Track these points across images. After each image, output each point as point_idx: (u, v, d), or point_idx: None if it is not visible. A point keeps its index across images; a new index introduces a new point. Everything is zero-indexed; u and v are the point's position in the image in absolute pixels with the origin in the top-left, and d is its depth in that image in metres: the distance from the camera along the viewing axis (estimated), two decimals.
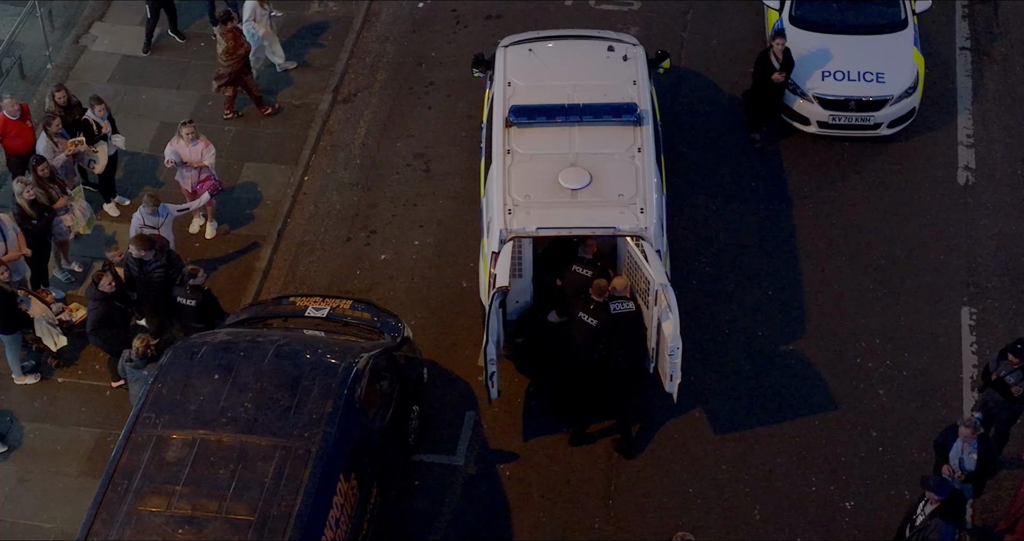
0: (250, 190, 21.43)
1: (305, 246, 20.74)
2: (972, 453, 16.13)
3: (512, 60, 19.88)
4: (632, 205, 17.76)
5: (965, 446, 16.10)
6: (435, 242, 20.67)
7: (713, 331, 19.35)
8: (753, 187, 21.27)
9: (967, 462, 16.19)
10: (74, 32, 23.79)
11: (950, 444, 16.26)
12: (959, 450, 16.19)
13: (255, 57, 22.44)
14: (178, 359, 16.25)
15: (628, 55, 19.75)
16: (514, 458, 18.12)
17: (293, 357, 16.19)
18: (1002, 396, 16.82)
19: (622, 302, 17.55)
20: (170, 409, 15.58)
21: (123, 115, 21.75)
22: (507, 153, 18.42)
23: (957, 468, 16.16)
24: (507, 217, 17.70)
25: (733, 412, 18.52)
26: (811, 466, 17.97)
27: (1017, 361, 16.63)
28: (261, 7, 22.17)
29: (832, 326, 19.43)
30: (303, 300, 18.46)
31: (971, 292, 19.79)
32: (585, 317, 17.42)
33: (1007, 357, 16.76)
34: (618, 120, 18.61)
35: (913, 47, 21.76)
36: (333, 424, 15.40)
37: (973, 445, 16.08)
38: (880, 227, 20.67)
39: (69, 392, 18.86)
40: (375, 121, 22.53)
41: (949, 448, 16.26)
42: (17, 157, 20.38)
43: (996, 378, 16.89)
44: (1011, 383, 16.69)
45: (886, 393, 18.68)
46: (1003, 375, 16.76)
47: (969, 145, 21.81)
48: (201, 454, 15.10)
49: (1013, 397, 16.77)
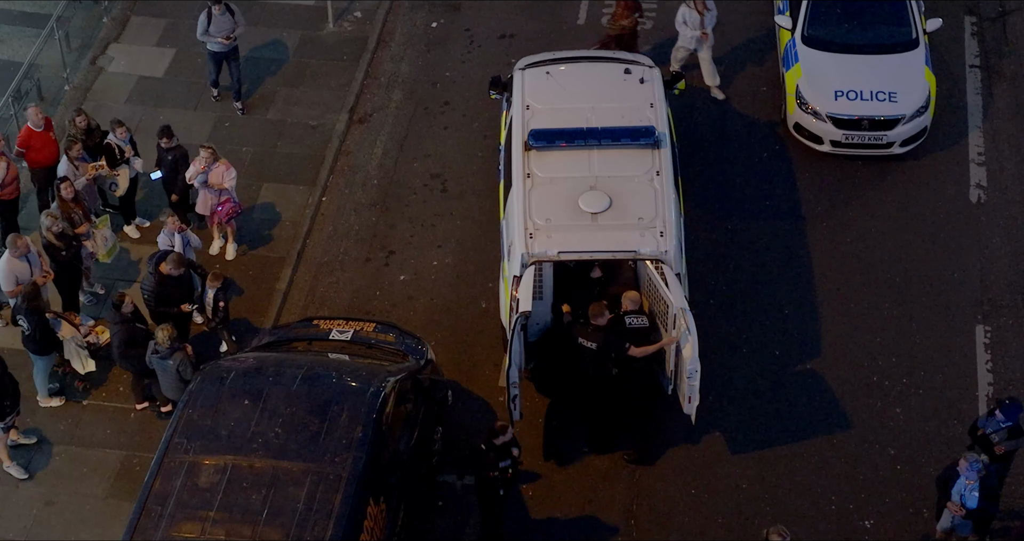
0: (269, 211, 21.63)
1: (324, 267, 20.94)
2: (974, 490, 16.20)
3: (530, 83, 20.08)
4: (652, 228, 17.97)
5: (968, 481, 16.15)
6: (454, 262, 20.88)
7: (730, 351, 19.56)
8: (767, 206, 21.49)
9: (968, 499, 16.25)
10: (91, 53, 23.97)
11: (952, 480, 16.36)
12: (962, 485, 16.26)
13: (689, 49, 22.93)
14: (207, 384, 16.45)
15: (645, 77, 19.95)
16: (536, 478, 18.32)
17: (322, 382, 16.39)
18: (985, 453, 16.78)
19: (637, 316, 17.76)
20: (201, 434, 15.77)
21: (141, 136, 21.87)
22: (527, 177, 18.62)
23: (959, 505, 16.21)
24: (528, 241, 17.89)
25: (752, 431, 18.73)
26: (830, 485, 18.18)
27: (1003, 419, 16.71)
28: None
29: (848, 345, 19.65)
30: (327, 323, 18.65)
31: (985, 310, 20.02)
32: (585, 342, 17.62)
33: (995, 413, 16.83)
34: (636, 143, 18.83)
35: (925, 66, 21.98)
36: (363, 449, 15.60)
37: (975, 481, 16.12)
38: (893, 245, 20.89)
39: (94, 414, 19.04)
40: (391, 141, 22.73)
41: (951, 484, 16.36)
42: (42, 170, 20.59)
43: (981, 434, 16.92)
44: (995, 441, 16.74)
45: (903, 411, 18.90)
46: (988, 432, 16.80)
47: (980, 163, 22.03)
48: (233, 479, 15.29)
49: (996, 455, 16.80)
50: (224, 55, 22.51)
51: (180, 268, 18.51)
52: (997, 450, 16.83)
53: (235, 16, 22.26)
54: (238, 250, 21.00)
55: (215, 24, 22.06)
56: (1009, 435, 16.80)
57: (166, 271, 18.45)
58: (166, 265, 18.42)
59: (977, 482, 16.16)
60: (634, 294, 17.98)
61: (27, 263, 18.64)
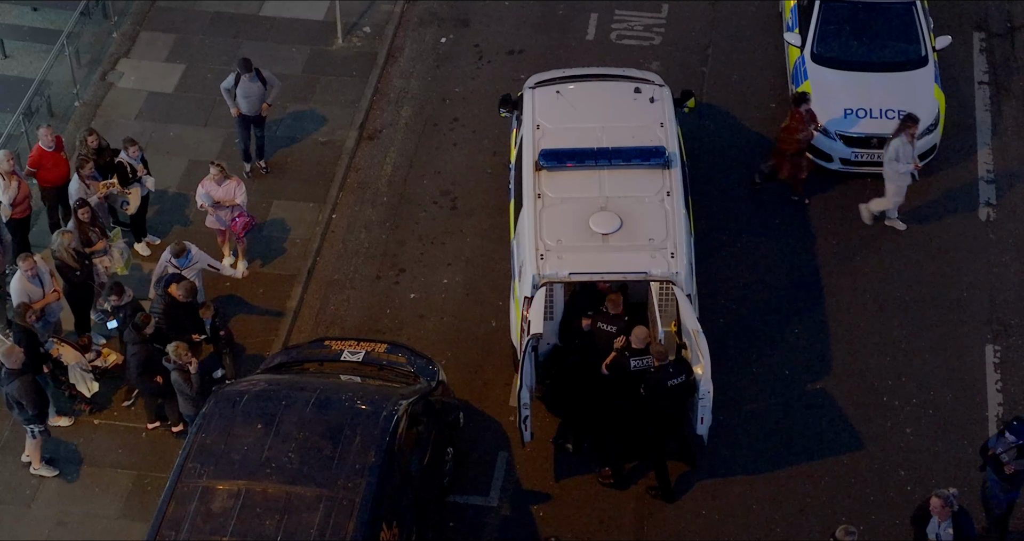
0: (279, 228, 21.67)
1: (335, 285, 20.97)
2: (948, 528, 16.15)
3: (540, 102, 20.12)
4: (663, 249, 18.02)
5: (940, 520, 16.10)
6: (464, 281, 20.91)
7: (741, 371, 19.59)
8: (776, 224, 21.51)
9: (944, 536, 16.19)
10: (100, 69, 24.00)
11: (926, 520, 16.31)
12: (935, 525, 16.21)
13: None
14: (220, 407, 16.48)
15: (655, 97, 20.00)
16: (547, 499, 18.36)
17: (334, 406, 16.43)
18: (995, 473, 16.81)
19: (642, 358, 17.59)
20: (215, 459, 15.80)
21: (151, 152, 21.89)
22: (538, 197, 18.66)
23: None
24: (540, 262, 17.94)
25: (762, 452, 18.77)
26: (841, 505, 18.21)
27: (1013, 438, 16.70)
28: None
29: (858, 364, 19.68)
30: (338, 343, 18.68)
31: (995, 329, 20.04)
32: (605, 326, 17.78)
33: (1004, 434, 16.81)
34: (647, 163, 18.87)
35: (934, 84, 22.01)
36: (376, 474, 15.64)
37: (948, 519, 16.08)
38: (903, 264, 20.91)
39: (105, 434, 19.08)
40: (401, 158, 22.77)
41: (925, 524, 16.32)
42: (52, 189, 20.64)
43: (991, 454, 16.89)
44: (1005, 461, 16.71)
45: (913, 432, 18.94)
46: (999, 452, 16.77)
47: (989, 180, 22.06)
48: (247, 505, 15.34)
49: (1005, 474, 16.79)
50: (250, 120, 21.59)
51: (190, 296, 18.53)
52: (1007, 469, 16.84)
53: (267, 84, 21.30)
54: (249, 266, 21.02)
55: (242, 88, 21.14)
56: (1019, 454, 16.78)
57: (176, 295, 18.48)
58: (176, 289, 18.46)
59: (950, 518, 16.12)
60: (643, 331, 17.78)
61: (39, 284, 18.68)
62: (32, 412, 17.71)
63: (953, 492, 16.34)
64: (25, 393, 17.50)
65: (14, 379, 17.50)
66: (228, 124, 22.98)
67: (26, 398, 17.52)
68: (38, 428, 18.02)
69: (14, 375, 17.51)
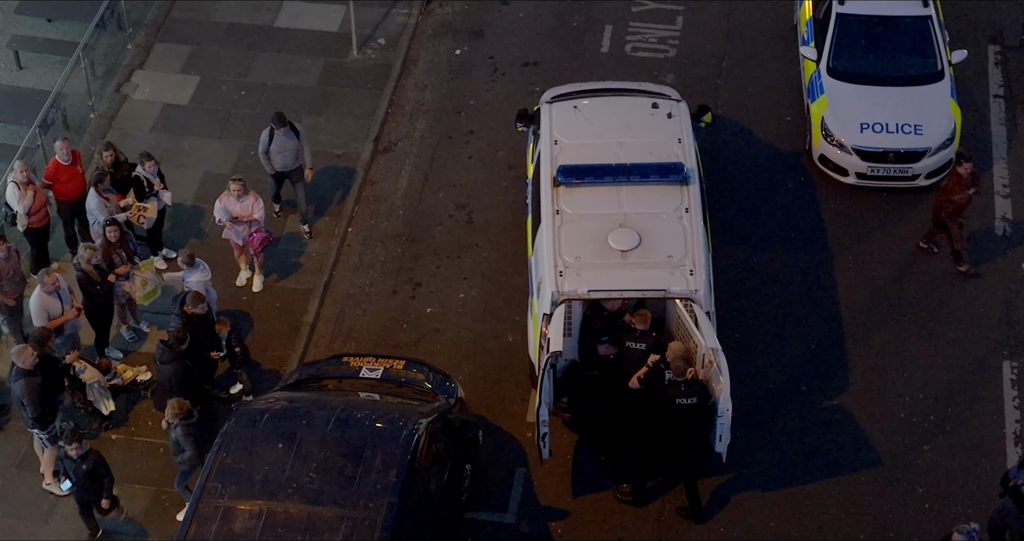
0: (295, 241, 21.66)
1: (351, 299, 20.97)
2: None
3: (557, 117, 20.11)
4: (682, 266, 18.02)
5: None
6: (480, 295, 20.90)
7: (759, 387, 19.59)
8: (793, 239, 21.51)
9: None
10: (115, 80, 24.00)
11: None
12: None
13: None
14: (240, 426, 16.47)
15: (673, 112, 19.99)
16: (565, 515, 18.36)
17: (355, 425, 16.41)
18: (1016, 505, 16.66)
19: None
20: (236, 479, 15.80)
21: (166, 165, 21.89)
22: (556, 213, 18.66)
23: None
24: (559, 279, 17.94)
25: (781, 469, 18.76)
26: (859, 523, 18.21)
27: None
28: None
29: (876, 381, 19.67)
30: (357, 360, 18.67)
31: (1012, 346, 20.03)
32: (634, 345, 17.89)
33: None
34: (665, 180, 18.87)
35: (950, 98, 21.99)
36: (397, 493, 15.63)
37: None
38: (919, 279, 20.90)
39: (122, 449, 19.07)
40: (416, 171, 22.76)
41: None
42: (68, 203, 20.64)
43: (1013, 485, 16.79)
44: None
45: (931, 449, 18.93)
46: (1020, 484, 16.63)
47: (1005, 195, 22.05)
48: (268, 525, 15.34)
49: None
50: (285, 175, 21.09)
51: (200, 304, 18.52)
52: None
53: (299, 137, 20.80)
54: (266, 281, 21.02)
55: (277, 143, 20.72)
56: None
57: (190, 311, 18.49)
58: (188, 305, 18.48)
59: None
60: (679, 346, 17.65)
61: (58, 299, 18.68)
62: (32, 414, 17.71)
63: (975, 527, 16.17)
64: (27, 394, 17.55)
65: (21, 378, 17.59)
66: (242, 136, 23.02)
67: (27, 399, 17.57)
68: (44, 435, 17.99)
69: (22, 374, 17.59)
